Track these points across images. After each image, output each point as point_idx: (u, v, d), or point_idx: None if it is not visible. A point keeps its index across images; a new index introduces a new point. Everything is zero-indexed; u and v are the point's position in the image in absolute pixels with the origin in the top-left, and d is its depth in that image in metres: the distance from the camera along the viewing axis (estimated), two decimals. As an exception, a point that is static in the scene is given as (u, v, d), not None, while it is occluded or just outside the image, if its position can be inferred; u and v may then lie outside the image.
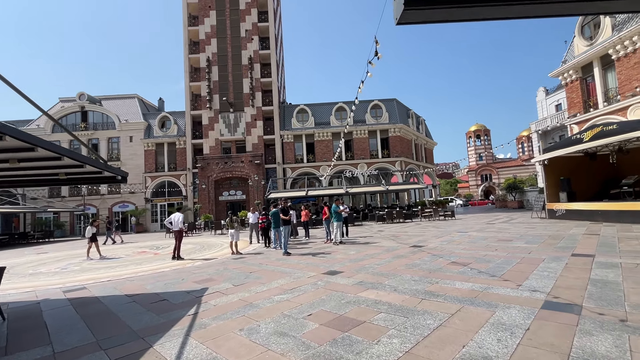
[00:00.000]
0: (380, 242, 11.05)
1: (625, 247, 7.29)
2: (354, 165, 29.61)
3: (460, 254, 7.81)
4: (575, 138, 13.96)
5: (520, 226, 13.18)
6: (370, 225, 19.33)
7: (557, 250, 7.51)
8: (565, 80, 19.30)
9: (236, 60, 30.44)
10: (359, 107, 30.85)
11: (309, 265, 7.76)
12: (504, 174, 57.91)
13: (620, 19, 16.07)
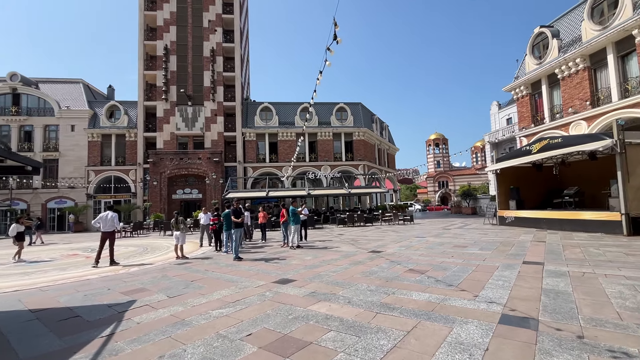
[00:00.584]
0: (339, 247, 10.66)
1: (570, 255, 7.54)
2: (317, 167, 29.27)
3: (417, 261, 7.62)
4: (525, 149, 14.74)
5: (474, 232, 13.56)
6: (331, 229, 19.01)
7: (509, 257, 7.59)
8: (517, 95, 20.53)
9: (197, 51, 28.78)
10: (324, 108, 30.70)
11: (260, 273, 7.11)
12: (459, 181, 61.15)
13: (566, 41, 17.38)
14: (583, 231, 11.83)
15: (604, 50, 15.12)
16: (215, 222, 10.71)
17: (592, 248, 8.38)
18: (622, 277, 5.42)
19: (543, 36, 18.58)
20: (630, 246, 8.45)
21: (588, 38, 15.62)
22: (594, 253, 7.67)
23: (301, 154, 29.71)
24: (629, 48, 14.19)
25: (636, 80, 13.94)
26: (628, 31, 13.85)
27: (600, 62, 15.39)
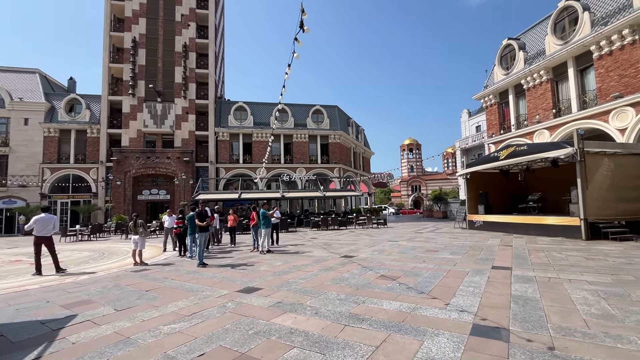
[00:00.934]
0: (311, 252, 10.35)
1: (536, 260, 7.69)
2: (292, 169, 28.86)
3: (389, 266, 7.46)
4: (493, 156, 15.20)
5: (445, 236, 13.74)
6: (305, 232, 18.67)
7: (478, 262, 7.62)
8: (486, 104, 21.29)
9: (168, 45, 27.55)
10: (300, 110, 30.39)
11: (224, 280, 6.64)
12: (431, 185, 62.92)
13: (531, 54, 18.22)
14: (546, 235, 12.30)
15: (565, 63, 15.96)
16: (179, 225, 10.04)
17: (555, 252, 8.64)
18: (585, 282, 5.51)
19: (510, 48, 19.40)
20: (589, 250, 8.80)
21: (551, 52, 16.44)
22: (557, 257, 7.88)
23: (276, 155, 29.20)
24: (587, 62, 15.05)
25: (593, 93, 14.79)
26: (586, 47, 14.69)
27: (562, 74, 16.24)
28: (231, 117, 28.42)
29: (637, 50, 12.90)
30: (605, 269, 6.50)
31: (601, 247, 9.40)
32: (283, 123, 29.28)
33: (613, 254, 8.17)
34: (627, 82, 13.23)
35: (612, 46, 13.71)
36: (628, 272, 6.17)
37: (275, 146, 29.35)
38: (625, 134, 13.15)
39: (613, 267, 6.59)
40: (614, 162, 11.51)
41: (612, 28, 13.43)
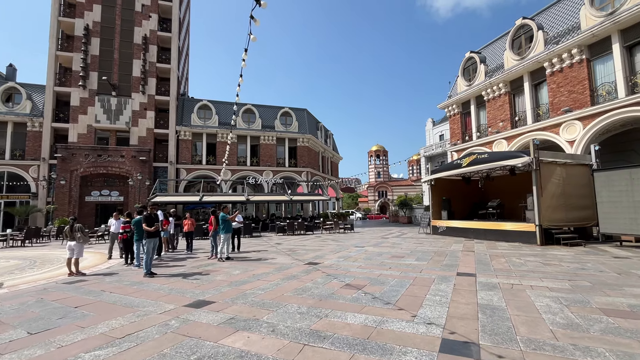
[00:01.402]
0: (274, 259, 9.78)
1: (497, 265, 7.76)
2: (259, 171, 28.00)
3: (355, 274, 7.13)
4: (456, 163, 15.63)
5: (411, 241, 13.79)
6: (270, 237, 17.98)
7: (444, 269, 7.53)
8: (449, 113, 22.06)
9: (127, 36, 25.67)
10: (268, 112, 29.68)
11: (172, 293, 5.91)
12: (397, 191, 64.56)
13: (491, 67, 19.16)
14: (504, 241, 12.74)
15: (521, 78, 16.91)
16: (126, 229, 9.02)
17: (515, 258, 8.84)
18: (546, 289, 5.52)
19: (472, 61, 20.29)
20: (545, 255, 9.11)
21: (509, 66, 17.36)
22: (517, 263, 8.02)
23: (242, 157, 28.20)
24: (541, 78, 16.04)
25: (546, 106, 15.76)
26: (540, 63, 15.65)
27: (519, 88, 17.18)
28: (194, 116, 27.01)
29: (584, 69, 13.92)
30: (562, 274, 6.65)
31: (555, 252, 9.80)
32: (250, 124, 28.39)
33: (566, 259, 8.50)
34: (576, 97, 14.22)
35: (562, 64, 14.70)
36: (583, 277, 6.33)
37: (242, 148, 28.37)
38: (574, 145, 14.08)
39: (569, 273, 6.76)
40: (565, 172, 12.20)
41: (562, 47, 14.40)
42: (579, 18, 14.30)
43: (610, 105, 12.86)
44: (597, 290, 5.39)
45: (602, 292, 5.29)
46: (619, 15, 12.37)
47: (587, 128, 13.71)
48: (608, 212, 10.87)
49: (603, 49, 13.42)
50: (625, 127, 13.61)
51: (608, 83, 13.29)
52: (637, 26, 12.26)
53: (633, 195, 10.14)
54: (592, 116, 13.52)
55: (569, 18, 15.08)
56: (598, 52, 13.63)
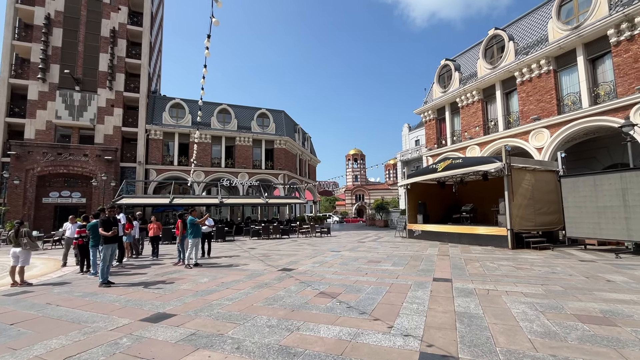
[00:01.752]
0: (246, 265, 9.30)
1: (472, 270, 7.75)
2: (234, 173, 27.20)
3: (330, 281, 6.84)
4: (431, 168, 15.82)
5: (387, 245, 13.72)
6: (244, 242, 17.36)
7: (420, 274, 7.41)
8: (425, 118, 22.46)
9: (93, 28, 24.21)
10: (244, 113, 29.00)
11: (129, 305, 5.35)
12: (374, 195, 65.27)
13: (465, 75, 19.68)
14: (477, 245, 12.96)
15: (493, 86, 17.46)
16: (82, 234, 8.23)
17: (488, 262, 8.91)
18: (520, 295, 5.48)
19: (447, 68, 20.78)
20: (517, 259, 9.27)
21: (482, 74, 17.89)
22: (491, 267, 8.06)
23: (216, 158, 27.30)
24: (512, 87, 16.62)
25: (516, 114, 16.32)
26: (511, 72, 16.22)
27: (491, 96, 17.73)
28: (166, 115, 25.85)
29: (552, 79, 14.54)
30: (534, 278, 6.69)
31: (526, 256, 10.01)
32: (225, 124, 27.58)
33: (537, 263, 8.66)
34: (544, 106, 14.82)
35: (531, 74, 15.30)
36: (554, 282, 6.40)
37: (216, 149, 27.48)
38: (542, 152, 14.63)
39: (541, 277, 6.82)
40: (534, 178, 12.60)
41: (531, 58, 14.99)
42: (547, 31, 14.95)
43: (575, 114, 13.48)
44: (569, 295, 5.42)
45: (574, 296, 5.31)
46: (583, 30, 13.03)
47: (554, 136, 14.29)
48: (574, 216, 11.30)
49: (569, 61, 14.09)
50: (588, 136, 14.32)
51: (573, 93, 13.94)
52: (600, 40, 12.95)
53: (597, 201, 10.59)
54: (559, 124, 14.12)
55: (538, 30, 15.76)
56: (564, 63, 14.29)
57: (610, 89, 12.70)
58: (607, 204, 10.30)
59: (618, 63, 12.28)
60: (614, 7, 12.48)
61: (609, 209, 10.24)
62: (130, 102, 25.34)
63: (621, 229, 9.95)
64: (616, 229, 10.08)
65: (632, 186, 9.72)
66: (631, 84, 11.86)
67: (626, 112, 11.89)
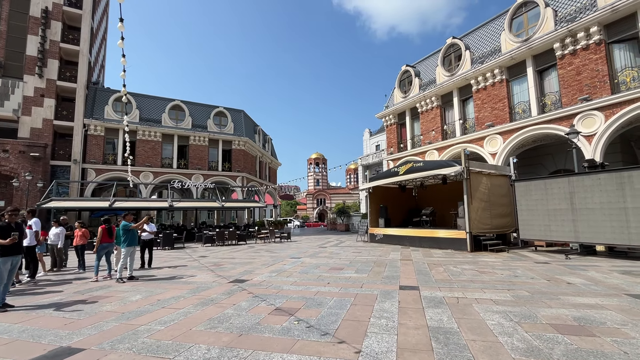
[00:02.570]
0: (193, 276, 8.16)
1: (437, 276, 7.42)
2: (187, 175, 25.23)
3: (288, 293, 6.05)
4: (393, 171, 15.72)
5: (349, 250, 13.22)
6: (195, 249, 15.87)
7: (385, 281, 6.90)
8: (386, 123, 22.62)
9: (19, 6, 21.10)
10: (200, 110, 27.21)
11: (22, 337, 4.10)
12: (335, 199, 65.43)
13: (425, 81, 20.12)
14: (438, 248, 12.95)
15: (451, 93, 17.97)
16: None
17: (452, 266, 8.71)
18: (491, 302, 5.15)
19: (408, 74, 21.13)
20: (477, 262, 9.20)
21: (440, 81, 18.35)
22: (455, 272, 7.82)
23: (168, 159, 25.16)
24: (468, 94, 17.19)
25: (472, 120, 16.88)
26: (467, 80, 16.77)
27: (449, 102, 18.23)
28: (109, 109, 23.26)
29: (504, 88, 15.21)
30: (500, 283, 6.49)
31: (485, 258, 10.04)
32: (178, 122, 25.56)
33: (498, 266, 8.62)
34: (497, 114, 15.44)
35: (486, 82, 15.92)
36: (519, 286, 6.22)
37: (167, 148, 25.33)
38: (496, 157, 15.19)
39: (505, 282, 6.64)
40: (489, 182, 12.92)
41: (486, 67, 15.59)
42: (500, 42, 15.66)
43: (525, 122, 14.16)
44: (537, 301, 5.19)
45: (543, 302, 5.09)
46: (532, 42, 13.76)
47: (506, 142, 14.91)
48: (526, 219, 11.69)
49: (519, 71, 14.83)
50: (536, 143, 15.14)
51: (523, 102, 14.67)
52: (547, 53, 13.76)
53: (547, 204, 11.02)
54: (511, 131, 14.76)
55: (492, 41, 16.50)
56: (515, 73, 15.03)
57: (556, 99, 13.51)
58: (557, 207, 10.74)
59: (563, 75, 13.10)
60: (559, 22, 13.33)
61: (558, 211, 10.69)
62: (66, 92, 22.43)
63: (569, 230, 10.40)
64: (564, 231, 10.53)
65: (578, 190, 10.21)
66: (574, 95, 12.67)
67: (570, 120, 12.66)
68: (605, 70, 11.86)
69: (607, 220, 9.45)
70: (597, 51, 12.09)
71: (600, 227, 9.62)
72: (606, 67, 11.86)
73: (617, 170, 9.46)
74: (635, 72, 11.32)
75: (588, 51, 12.34)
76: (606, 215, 9.50)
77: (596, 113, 11.96)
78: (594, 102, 11.98)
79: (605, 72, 11.87)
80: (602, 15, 11.67)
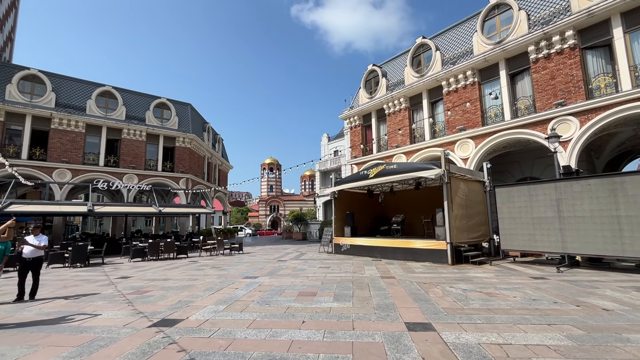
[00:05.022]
0: (94, 315, 5.44)
1: (442, 303, 5.72)
2: (118, 174, 21.16)
3: (245, 348, 3.80)
4: (363, 174, 14.15)
5: (315, 265, 11.15)
6: (119, 265, 12.53)
7: (381, 315, 4.98)
8: (350, 124, 21.24)
9: None
10: (136, 100, 23.35)
11: None
12: (289, 206, 62.99)
13: (392, 82, 19.14)
14: (414, 260, 11.51)
15: (420, 94, 17.12)
16: None
17: (447, 286, 7.13)
18: (551, 352, 3.50)
19: (375, 73, 20.04)
20: (472, 280, 7.77)
21: (409, 82, 17.44)
22: (459, 295, 6.21)
23: (92, 154, 20.88)
24: (438, 96, 16.44)
25: (443, 124, 16.10)
26: (438, 81, 16.02)
27: (418, 104, 17.35)
28: (12, 89, 18.51)
29: (477, 90, 14.62)
30: (529, 314, 4.92)
31: (474, 273, 8.72)
32: (108, 112, 21.45)
33: (498, 284, 7.23)
34: (469, 117, 14.77)
35: (458, 84, 15.24)
36: (557, 318, 4.71)
37: (93, 142, 21.06)
38: (467, 162, 14.43)
39: (532, 310, 5.12)
40: (467, 187, 11.91)
41: (458, 68, 14.92)
42: (472, 44, 15.13)
43: (498, 126, 13.59)
44: (605, 344, 3.66)
45: (616, 347, 3.57)
46: (507, 44, 13.30)
47: (479, 147, 14.23)
48: (508, 228, 10.75)
49: (492, 74, 14.35)
50: (507, 149, 14.72)
51: (495, 106, 14.15)
52: (521, 56, 13.39)
53: (531, 212, 10.17)
54: (483, 136, 14.12)
55: (463, 43, 15.97)
56: (488, 76, 14.53)
57: (530, 103, 13.11)
58: (542, 215, 9.91)
59: (537, 79, 12.73)
60: (532, 26, 13.02)
61: (544, 220, 9.86)
62: (-52, 62, 17.31)
63: (556, 240, 9.57)
64: (551, 240, 9.69)
65: (566, 196, 9.46)
66: (548, 100, 12.31)
67: (545, 125, 12.24)
68: (580, 75, 11.60)
69: (599, 230, 8.72)
70: (571, 56, 11.84)
71: (590, 237, 8.87)
72: (581, 72, 11.61)
73: (609, 176, 8.83)
74: (609, 77, 11.15)
75: (562, 55, 12.06)
76: (597, 224, 8.78)
77: (571, 118, 11.62)
78: (569, 107, 11.64)
79: (579, 77, 11.61)
80: (577, 19, 11.42)
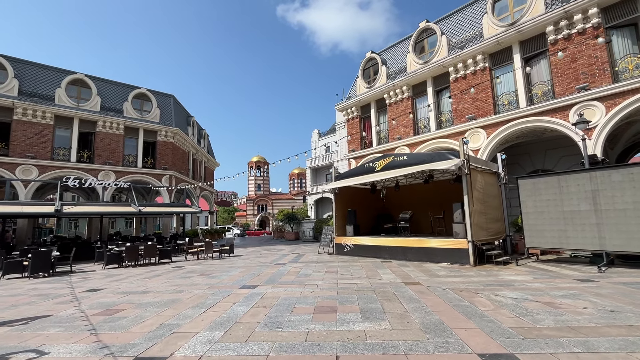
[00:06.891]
0: (38, 354, 3.90)
1: (504, 320, 4.48)
2: (92, 171, 19.17)
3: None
4: (368, 167, 12.88)
5: (320, 269, 9.78)
6: (90, 274, 10.80)
7: (439, 345, 3.66)
8: (348, 116, 19.95)
9: None
10: (114, 90, 21.35)
11: None
12: (277, 205, 61.36)
13: (393, 70, 17.95)
14: (429, 261, 10.33)
15: (424, 82, 16.01)
16: None
17: (491, 294, 5.92)
18: None
19: (374, 61, 18.82)
20: (511, 285, 6.60)
21: (412, 69, 16.30)
22: (518, 309, 4.98)
23: (62, 148, 18.82)
24: (444, 84, 15.35)
25: (449, 113, 15.03)
26: (445, 67, 14.93)
27: (422, 93, 16.24)
28: (-33, 73, 16.32)
29: (487, 76, 13.59)
30: (630, 333, 3.73)
31: (507, 276, 7.58)
32: (80, 102, 19.39)
33: (548, 290, 6.06)
34: (479, 105, 13.74)
35: (466, 70, 14.20)
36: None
37: (63, 135, 18.99)
38: (479, 154, 13.40)
39: (621, 328, 3.94)
40: (484, 180, 10.84)
41: (467, 52, 13.87)
42: (481, 27, 14.10)
43: (513, 114, 12.61)
44: None
45: None
46: (522, 25, 12.31)
47: (491, 137, 13.23)
48: (534, 224, 9.70)
49: (504, 58, 13.36)
50: (520, 139, 13.80)
51: (509, 92, 13.15)
52: (537, 38, 12.43)
53: (562, 205, 9.14)
54: (496, 125, 13.12)
55: (470, 26, 14.93)
56: (499, 61, 13.54)
57: (548, 88, 12.15)
58: (575, 209, 8.89)
59: (556, 62, 11.77)
60: (549, 5, 12.06)
61: (577, 214, 8.84)
62: None
63: (592, 237, 8.56)
64: (586, 237, 8.67)
65: (604, 187, 8.45)
66: (569, 84, 11.37)
67: (565, 112, 11.31)
68: (605, 57, 10.69)
69: (645, 224, 7.74)
70: (595, 36, 10.90)
71: (635, 232, 7.88)
72: (606, 53, 10.70)
73: (657, 163, 7.86)
74: (638, 59, 10.27)
75: (585, 36, 11.13)
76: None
77: (596, 104, 10.69)
78: (593, 92, 10.71)
79: (604, 58, 10.70)
80: (602, -5, 10.49)
